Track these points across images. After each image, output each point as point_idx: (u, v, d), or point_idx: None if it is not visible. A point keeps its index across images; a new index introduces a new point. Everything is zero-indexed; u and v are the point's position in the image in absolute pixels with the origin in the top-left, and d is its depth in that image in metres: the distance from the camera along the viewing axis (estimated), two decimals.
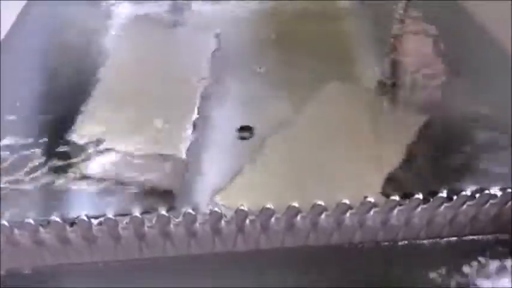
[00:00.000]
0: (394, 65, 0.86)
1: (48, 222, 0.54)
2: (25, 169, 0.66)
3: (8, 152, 0.69)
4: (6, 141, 0.71)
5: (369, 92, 0.81)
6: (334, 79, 0.82)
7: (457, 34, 0.92)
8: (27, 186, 0.64)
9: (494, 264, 0.57)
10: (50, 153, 0.69)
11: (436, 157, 0.70)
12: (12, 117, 0.75)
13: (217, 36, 0.92)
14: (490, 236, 0.59)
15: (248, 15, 1.00)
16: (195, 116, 0.75)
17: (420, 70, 0.84)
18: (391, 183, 0.65)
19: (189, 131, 0.73)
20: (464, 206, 0.58)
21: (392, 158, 0.68)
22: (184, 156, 0.69)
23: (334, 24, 0.97)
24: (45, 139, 0.71)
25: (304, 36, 0.94)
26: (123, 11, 1.00)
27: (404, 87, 0.82)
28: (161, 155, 0.69)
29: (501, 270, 0.56)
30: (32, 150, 0.69)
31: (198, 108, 0.76)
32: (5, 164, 0.67)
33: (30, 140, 0.71)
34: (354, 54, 0.90)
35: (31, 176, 0.66)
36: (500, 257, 0.57)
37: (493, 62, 0.86)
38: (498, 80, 0.82)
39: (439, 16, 0.94)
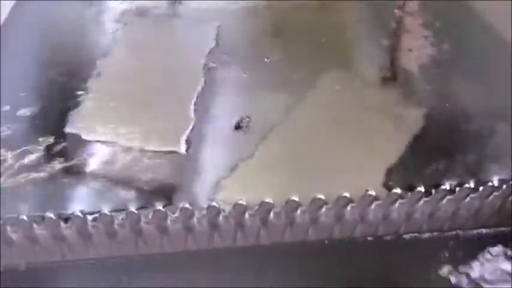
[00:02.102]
0: (393, 56, 0.85)
1: (42, 218, 0.53)
2: (21, 165, 0.66)
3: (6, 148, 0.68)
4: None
5: (368, 83, 0.80)
6: (333, 70, 0.81)
7: (464, 32, 0.91)
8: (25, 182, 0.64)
9: (496, 258, 0.56)
10: (46, 148, 0.68)
11: (436, 150, 0.68)
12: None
13: (217, 28, 0.91)
14: (492, 229, 0.59)
15: (247, 7, 0.99)
16: (194, 109, 0.74)
17: (418, 61, 0.84)
18: (392, 176, 0.64)
19: (188, 124, 0.72)
20: (467, 199, 0.57)
21: (393, 150, 0.67)
22: (183, 150, 0.68)
23: (333, 17, 0.96)
24: (42, 134, 0.70)
25: (303, 28, 0.93)
26: (121, 5, 0.99)
27: (404, 78, 0.81)
28: (160, 149, 0.68)
29: (503, 263, 0.55)
30: (29, 146, 0.68)
31: (197, 101, 0.76)
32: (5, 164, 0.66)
33: (27, 135, 0.70)
34: (352, 46, 0.89)
35: (27, 172, 0.65)
36: (502, 250, 0.56)
37: (497, 58, 0.85)
38: (500, 75, 0.81)
39: (447, 15, 0.93)
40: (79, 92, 0.77)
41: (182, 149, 0.68)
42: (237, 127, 0.72)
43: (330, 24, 0.94)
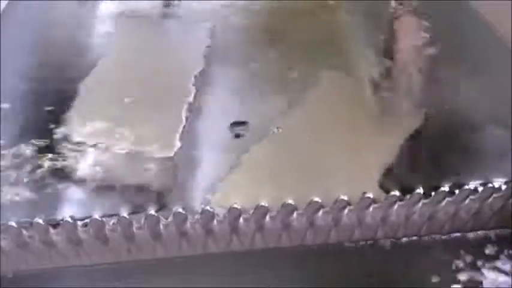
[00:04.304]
0: (391, 57, 0.85)
1: (31, 224, 0.52)
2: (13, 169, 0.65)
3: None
4: None
5: (366, 84, 0.80)
6: (329, 71, 0.81)
7: (464, 32, 0.91)
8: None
9: (496, 260, 0.55)
10: (38, 152, 0.67)
11: (435, 152, 0.68)
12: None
13: (210, 30, 0.90)
14: (493, 231, 0.58)
15: (241, 8, 0.98)
16: (187, 112, 0.73)
17: (416, 60, 0.83)
18: (390, 178, 0.63)
19: (182, 127, 0.71)
20: (467, 201, 0.56)
21: (390, 151, 0.67)
22: (176, 154, 0.67)
23: (330, 17, 0.96)
24: (34, 137, 0.69)
25: (297, 30, 0.93)
26: (112, 7, 0.98)
27: (402, 79, 0.81)
28: (152, 153, 0.67)
29: (503, 265, 0.55)
30: (21, 150, 0.67)
31: (191, 103, 0.75)
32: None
33: (18, 139, 0.69)
34: (349, 46, 0.89)
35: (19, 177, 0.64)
36: (503, 252, 0.56)
37: (497, 58, 0.85)
38: (500, 75, 0.80)
39: (446, 14, 0.93)
40: (70, 94, 0.76)
41: (175, 152, 0.67)
42: (235, 125, 0.71)
43: (327, 24, 0.94)
